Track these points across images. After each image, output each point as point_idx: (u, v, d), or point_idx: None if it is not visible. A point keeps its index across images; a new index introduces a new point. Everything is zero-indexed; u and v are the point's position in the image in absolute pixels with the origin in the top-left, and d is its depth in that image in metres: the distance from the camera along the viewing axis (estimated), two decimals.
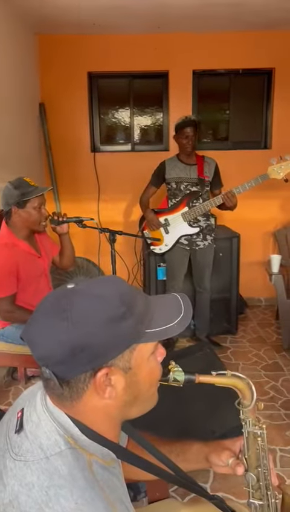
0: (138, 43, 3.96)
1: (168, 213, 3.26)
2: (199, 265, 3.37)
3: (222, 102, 4.29)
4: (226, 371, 0.88)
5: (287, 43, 3.93)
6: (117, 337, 0.71)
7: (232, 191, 2.99)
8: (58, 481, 0.66)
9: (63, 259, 2.65)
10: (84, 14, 3.39)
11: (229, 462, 0.93)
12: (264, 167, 3.78)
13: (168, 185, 3.28)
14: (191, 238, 3.27)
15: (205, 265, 3.37)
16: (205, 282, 3.42)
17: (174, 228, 3.24)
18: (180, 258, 3.33)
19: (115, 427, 0.81)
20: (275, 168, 2.94)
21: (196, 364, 2.19)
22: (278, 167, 2.93)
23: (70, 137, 4.17)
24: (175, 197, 3.24)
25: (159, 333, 0.76)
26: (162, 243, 3.29)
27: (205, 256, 3.34)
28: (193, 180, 3.20)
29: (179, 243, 3.27)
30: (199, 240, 3.28)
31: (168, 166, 3.27)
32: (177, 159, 3.27)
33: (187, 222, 3.20)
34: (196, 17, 3.48)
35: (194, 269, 3.41)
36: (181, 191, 3.22)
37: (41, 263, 2.46)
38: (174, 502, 1.20)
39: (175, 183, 3.23)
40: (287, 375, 3.05)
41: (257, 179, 2.97)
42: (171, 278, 3.42)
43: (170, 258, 3.36)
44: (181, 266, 3.36)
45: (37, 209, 2.30)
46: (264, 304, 4.41)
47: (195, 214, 3.16)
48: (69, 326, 0.69)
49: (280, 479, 2.06)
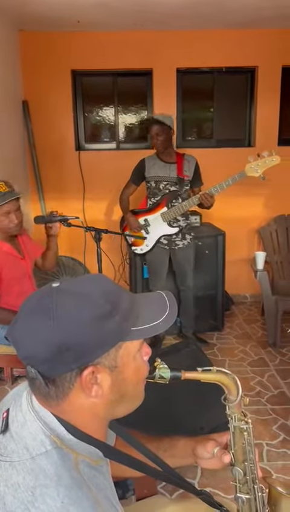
0: (122, 41, 3.95)
1: (148, 213, 3.26)
2: (180, 264, 3.38)
3: (206, 100, 4.31)
4: (211, 367, 0.88)
5: (270, 41, 3.96)
6: (103, 335, 0.71)
7: (210, 191, 3.00)
8: (44, 481, 0.66)
9: (46, 261, 2.64)
10: (68, 11, 3.36)
11: (215, 452, 0.94)
12: None
13: (148, 183, 3.27)
14: (170, 238, 3.27)
15: (186, 264, 3.38)
16: (187, 281, 3.43)
17: (154, 228, 3.24)
18: (161, 258, 3.34)
19: (102, 426, 0.81)
20: (252, 166, 2.95)
21: (183, 361, 2.20)
22: (255, 165, 2.95)
23: (54, 136, 4.14)
24: (154, 196, 3.24)
25: (145, 331, 0.76)
26: (142, 244, 3.30)
27: (185, 255, 3.35)
28: (172, 179, 3.19)
29: (159, 242, 3.27)
30: (178, 240, 3.29)
31: (148, 164, 3.25)
32: (157, 157, 3.25)
33: (167, 222, 3.20)
34: (178, 15, 3.49)
35: (175, 268, 3.42)
36: (160, 190, 3.22)
37: (24, 265, 2.45)
38: (162, 499, 1.21)
39: (154, 182, 3.23)
40: (273, 370, 3.08)
41: (234, 177, 2.98)
42: (153, 277, 3.43)
43: (150, 258, 3.36)
44: (162, 265, 3.37)
45: (5, 215, 2.29)
46: (249, 300, 4.45)
47: (174, 214, 3.16)
48: (54, 325, 0.68)
49: (265, 471, 2.09)
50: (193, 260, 3.41)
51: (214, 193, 3.01)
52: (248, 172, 2.97)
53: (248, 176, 2.98)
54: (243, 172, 2.97)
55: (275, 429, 2.42)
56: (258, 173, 2.95)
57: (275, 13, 3.49)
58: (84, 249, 2.56)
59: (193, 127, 4.40)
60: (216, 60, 4.05)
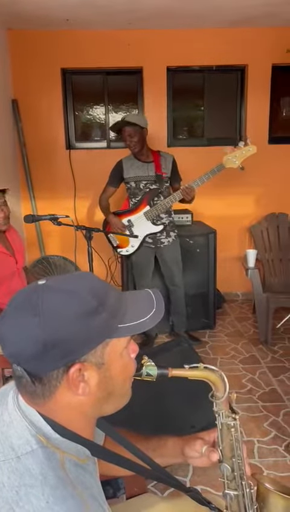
0: (112, 40, 3.93)
1: (130, 214, 3.24)
2: (167, 262, 3.37)
3: (196, 99, 4.31)
4: (198, 364, 0.88)
5: (260, 40, 3.98)
6: (89, 332, 0.71)
7: (190, 185, 3.00)
8: (29, 480, 0.65)
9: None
10: (56, 9, 3.35)
11: (203, 450, 0.94)
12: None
13: (127, 184, 3.26)
14: (155, 236, 3.26)
15: (173, 262, 3.37)
16: (176, 279, 3.42)
17: (138, 228, 3.22)
18: (146, 257, 3.33)
19: (89, 424, 0.81)
20: (229, 157, 2.96)
21: (174, 359, 2.20)
22: (233, 156, 2.95)
23: (44, 135, 4.12)
24: (135, 196, 3.23)
25: (132, 328, 0.76)
26: (128, 245, 3.27)
27: (171, 253, 3.34)
28: (151, 177, 3.18)
29: (144, 242, 3.25)
30: (163, 237, 3.28)
31: (125, 165, 3.23)
32: (133, 158, 3.23)
33: (151, 221, 3.19)
34: (168, 13, 3.48)
35: (163, 267, 3.41)
36: (141, 189, 3.20)
37: (13, 262, 2.43)
38: (152, 497, 1.21)
39: (134, 182, 3.21)
40: (264, 367, 3.10)
41: (213, 170, 2.98)
42: (140, 277, 3.41)
43: (136, 259, 3.34)
44: (148, 265, 3.36)
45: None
46: (241, 298, 4.47)
47: (157, 211, 3.15)
48: (40, 322, 0.68)
49: (255, 468, 2.10)
50: (180, 258, 3.40)
51: (194, 186, 3.01)
52: (227, 164, 2.97)
53: (227, 167, 2.97)
54: (221, 164, 2.97)
55: (266, 426, 2.43)
56: (236, 164, 2.96)
57: (264, 11, 3.50)
58: (75, 248, 2.54)
59: (183, 125, 4.40)
60: (206, 59, 4.05)
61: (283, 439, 2.32)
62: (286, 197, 4.18)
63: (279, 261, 3.98)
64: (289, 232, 4.04)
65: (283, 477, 2.05)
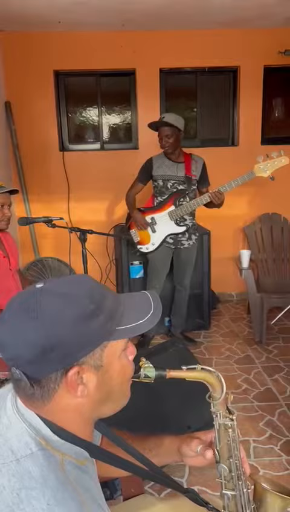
0: (104, 41, 3.94)
1: (155, 211, 3.24)
2: (182, 264, 3.37)
3: (189, 101, 4.33)
4: (196, 365, 0.89)
5: (251, 41, 4.00)
6: (87, 335, 0.71)
7: (219, 189, 3.00)
8: (30, 483, 0.65)
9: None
10: (47, 11, 3.35)
11: (198, 449, 0.95)
12: (233, 164, 3.85)
13: (155, 182, 3.25)
14: (176, 237, 3.26)
15: (188, 264, 3.38)
16: (185, 281, 3.43)
17: (161, 227, 3.22)
18: (164, 258, 3.32)
19: (88, 426, 0.81)
20: (261, 166, 2.96)
21: (169, 360, 2.20)
22: (265, 165, 2.96)
23: (38, 137, 4.11)
24: (161, 195, 3.23)
25: (130, 330, 0.76)
26: (148, 242, 3.26)
27: (188, 255, 3.35)
28: (180, 178, 3.18)
29: (165, 242, 3.25)
30: (184, 239, 3.28)
31: (156, 163, 3.23)
32: (164, 156, 3.23)
33: (174, 221, 3.19)
34: (160, 15, 3.50)
35: (176, 268, 3.41)
36: (168, 189, 3.20)
37: (7, 263, 2.42)
38: (149, 498, 1.21)
39: (162, 180, 3.21)
40: (259, 367, 3.11)
41: (243, 177, 2.99)
42: (153, 277, 3.39)
43: (153, 258, 3.33)
44: (164, 266, 3.36)
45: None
46: (235, 298, 4.48)
47: (182, 212, 3.15)
48: (38, 325, 0.68)
49: (251, 468, 2.11)
50: (194, 261, 3.40)
51: (222, 191, 3.01)
52: (257, 173, 2.98)
53: (257, 176, 2.98)
54: (252, 172, 2.98)
55: (262, 426, 2.45)
56: (267, 174, 2.97)
57: (256, 13, 3.52)
58: (69, 250, 2.54)
59: None
60: (199, 60, 4.07)
61: (278, 439, 2.33)
62: (279, 198, 4.21)
63: (273, 261, 4.00)
64: (282, 232, 4.07)
65: (279, 476, 2.07)
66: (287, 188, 4.25)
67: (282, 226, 4.08)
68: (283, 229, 4.07)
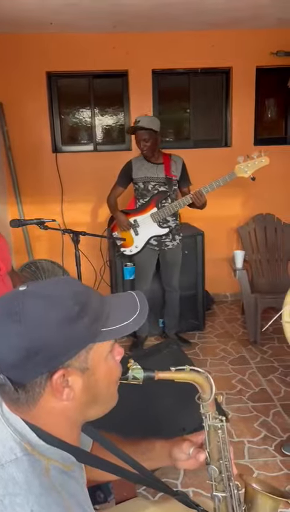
0: (97, 43, 3.94)
1: (137, 214, 3.23)
2: (168, 265, 3.37)
3: (182, 102, 4.33)
4: (185, 366, 0.88)
5: (244, 42, 4.01)
6: (72, 338, 0.70)
7: (200, 190, 3.00)
8: (14, 489, 0.64)
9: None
10: (39, 12, 3.34)
11: (190, 451, 0.94)
12: (226, 165, 3.83)
13: (136, 184, 3.25)
14: (160, 239, 3.26)
15: (174, 265, 3.38)
16: (173, 282, 3.43)
17: (143, 229, 3.22)
18: (149, 259, 3.32)
19: (74, 430, 0.80)
20: (241, 167, 2.97)
21: (164, 361, 2.20)
22: (245, 165, 2.97)
23: (31, 138, 4.10)
24: (143, 197, 3.22)
25: (115, 331, 0.76)
26: (132, 245, 3.26)
27: (174, 256, 3.35)
28: (161, 179, 3.18)
29: (148, 243, 3.25)
30: (168, 240, 3.28)
31: (135, 165, 3.23)
32: (143, 159, 3.23)
33: (157, 223, 3.19)
34: (152, 16, 3.50)
35: (163, 269, 3.41)
36: (149, 191, 3.20)
37: None
38: (141, 501, 1.20)
39: (142, 183, 3.21)
40: (254, 368, 3.11)
41: (225, 178, 3.00)
42: (140, 279, 3.40)
43: (139, 260, 3.33)
44: (150, 267, 3.36)
45: None
46: (230, 299, 4.48)
47: (164, 214, 3.15)
48: (21, 329, 0.67)
49: (245, 469, 2.10)
50: (180, 261, 3.41)
51: (204, 192, 3.01)
52: (238, 173, 2.99)
53: (238, 176, 2.99)
54: (233, 173, 2.99)
55: (257, 426, 2.44)
56: (247, 174, 2.98)
57: (248, 14, 3.53)
58: (62, 251, 2.53)
59: (170, 128, 4.41)
60: (191, 61, 4.08)
61: (273, 439, 2.33)
62: (273, 198, 4.22)
63: (267, 262, 4.00)
64: (276, 232, 4.08)
65: (273, 477, 2.06)
66: (280, 188, 4.27)
67: (275, 226, 4.09)
68: (277, 230, 4.08)
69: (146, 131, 3.05)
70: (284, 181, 4.28)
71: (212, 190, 3.03)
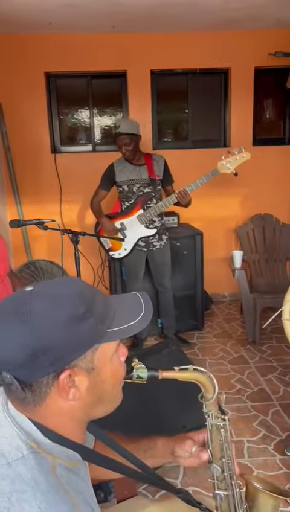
0: (95, 43, 3.94)
1: (123, 217, 3.24)
2: (158, 265, 3.38)
3: (180, 102, 4.34)
4: (188, 366, 0.89)
5: (242, 43, 4.02)
6: (78, 338, 0.71)
7: (185, 189, 3.02)
8: (21, 486, 0.65)
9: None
10: (38, 12, 3.34)
11: (193, 450, 0.95)
12: None
13: (120, 187, 3.25)
14: (147, 240, 3.27)
15: (164, 265, 3.39)
16: (165, 282, 3.43)
17: (131, 231, 3.23)
18: (138, 260, 3.33)
19: (80, 428, 0.81)
20: (224, 163, 3.01)
21: (163, 361, 2.21)
22: (227, 161, 3.01)
23: (29, 139, 4.10)
24: (128, 200, 3.23)
25: (121, 332, 0.76)
26: (120, 248, 3.27)
27: (162, 255, 3.36)
28: (145, 180, 3.19)
29: (136, 245, 3.26)
30: (155, 241, 3.30)
31: (117, 168, 3.24)
32: (125, 161, 3.24)
33: (144, 224, 3.20)
34: (151, 17, 3.50)
35: (153, 270, 3.42)
36: (134, 192, 3.21)
37: None
38: (142, 499, 1.21)
39: (127, 185, 3.21)
40: (253, 367, 3.12)
41: (208, 175, 3.02)
42: (131, 280, 3.41)
43: (128, 261, 3.35)
44: (140, 268, 3.37)
45: None
46: (228, 299, 4.49)
47: (151, 215, 3.16)
48: (28, 329, 0.68)
49: (245, 468, 2.11)
50: (170, 260, 3.41)
51: (188, 191, 3.03)
52: (221, 170, 3.02)
53: (221, 173, 3.02)
54: (216, 169, 3.02)
55: (256, 426, 2.45)
56: (230, 170, 3.01)
57: (246, 14, 3.54)
58: (62, 252, 2.53)
59: (168, 128, 4.42)
60: (190, 62, 4.08)
61: (272, 438, 2.34)
62: (271, 198, 4.23)
63: (265, 262, 4.01)
64: (274, 232, 4.09)
65: (273, 476, 2.07)
66: (279, 188, 4.29)
67: (274, 226, 4.10)
68: (275, 230, 4.09)
69: (127, 136, 3.08)
70: (283, 181, 4.30)
71: (197, 188, 3.05)
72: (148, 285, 3.51)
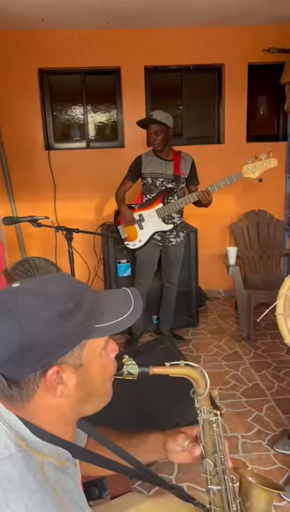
0: (89, 39, 3.92)
1: (143, 209, 3.24)
2: (170, 261, 3.38)
3: (174, 98, 4.33)
4: (179, 361, 0.89)
5: (236, 39, 4.01)
6: (66, 334, 0.70)
7: (208, 189, 3.02)
8: (8, 485, 0.65)
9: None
10: (30, 8, 3.31)
11: (185, 445, 0.94)
12: (219, 161, 3.87)
13: (144, 179, 3.26)
14: (164, 235, 3.26)
15: (176, 262, 3.39)
16: (173, 278, 3.44)
17: (148, 224, 3.22)
18: (151, 255, 3.32)
19: (69, 426, 0.80)
20: (249, 168, 2.98)
21: (157, 358, 2.20)
22: (253, 166, 2.97)
23: (23, 135, 4.08)
24: (150, 193, 3.22)
25: (109, 328, 0.76)
26: (136, 239, 3.26)
27: (176, 252, 3.36)
28: (169, 176, 3.19)
29: (152, 238, 3.25)
30: (172, 237, 3.29)
31: (145, 160, 3.24)
32: (153, 154, 3.24)
33: (161, 218, 3.19)
34: (145, 13, 3.49)
35: (164, 265, 3.41)
36: (157, 186, 3.20)
37: None
38: (136, 496, 1.21)
39: (151, 178, 3.21)
40: (247, 363, 3.13)
41: (231, 177, 3.00)
42: (140, 275, 3.39)
43: (141, 255, 3.33)
44: (152, 263, 3.36)
45: None
46: (223, 295, 4.50)
47: (169, 210, 3.16)
48: (15, 325, 0.67)
49: (239, 463, 2.12)
50: (182, 258, 3.42)
51: (210, 191, 3.02)
52: (245, 174, 2.99)
53: (245, 177, 3.00)
54: (240, 173, 3.00)
55: (250, 421, 2.46)
56: (255, 175, 2.98)
57: (239, 11, 3.53)
58: (56, 249, 2.53)
59: None
60: (183, 58, 4.07)
61: (266, 434, 2.35)
62: (265, 195, 4.23)
63: (259, 258, 4.02)
64: (268, 229, 4.10)
65: (267, 471, 2.08)
66: (273, 185, 4.29)
67: (268, 223, 4.11)
68: (269, 226, 4.10)
69: (158, 125, 3.07)
70: (277, 178, 4.30)
71: (219, 189, 3.04)
72: (155, 280, 3.49)
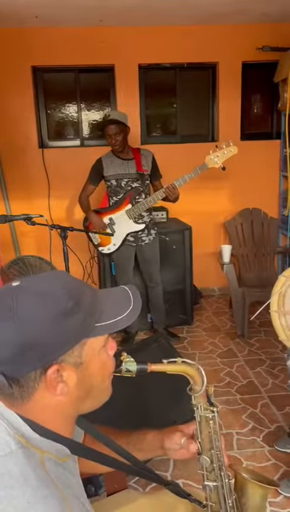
0: (83, 37, 3.90)
1: (112, 212, 3.22)
2: (147, 260, 3.38)
3: (169, 97, 4.32)
4: (176, 358, 0.89)
5: (230, 37, 4.01)
6: (66, 333, 0.70)
7: (173, 184, 3.02)
8: (9, 482, 0.65)
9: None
10: (24, 6, 3.29)
11: (182, 442, 0.95)
12: None
13: (108, 182, 3.23)
14: (136, 235, 3.26)
15: (153, 260, 3.39)
16: (155, 277, 3.43)
17: (120, 226, 3.21)
18: (127, 255, 3.33)
19: (68, 423, 0.81)
20: (211, 157, 3.02)
21: (152, 356, 2.20)
22: (215, 156, 3.01)
23: (16, 134, 4.06)
24: (116, 194, 3.21)
25: (109, 326, 0.76)
26: (110, 243, 3.26)
27: (151, 250, 3.36)
28: (133, 175, 3.18)
29: (126, 240, 3.25)
30: (144, 235, 3.29)
31: (105, 163, 3.22)
32: (113, 155, 3.22)
33: (132, 219, 3.19)
34: (139, 10, 3.48)
35: (142, 265, 3.41)
36: (122, 187, 3.19)
37: None
38: (132, 493, 1.22)
39: (115, 180, 3.19)
40: (242, 361, 3.15)
41: (196, 169, 3.02)
42: (121, 275, 3.41)
43: (117, 257, 3.34)
44: (129, 263, 3.36)
45: None
46: (217, 293, 4.52)
47: (139, 210, 3.15)
48: (15, 324, 0.68)
49: (234, 459, 2.13)
50: (159, 255, 3.41)
51: (177, 185, 3.02)
52: (209, 164, 3.02)
53: (209, 167, 3.02)
54: (204, 164, 3.02)
55: (245, 418, 2.48)
56: (218, 164, 3.02)
57: (234, 9, 3.53)
58: (50, 247, 2.52)
59: (156, 123, 4.42)
60: (177, 56, 4.07)
61: (261, 430, 2.36)
62: (259, 193, 4.25)
63: (254, 256, 4.04)
64: (262, 227, 4.12)
65: (262, 467, 2.10)
66: (267, 183, 4.31)
67: (262, 220, 4.13)
68: (263, 224, 4.12)
69: (117, 126, 3.06)
70: (271, 175, 4.32)
71: (185, 183, 3.04)
72: (138, 281, 3.51)
